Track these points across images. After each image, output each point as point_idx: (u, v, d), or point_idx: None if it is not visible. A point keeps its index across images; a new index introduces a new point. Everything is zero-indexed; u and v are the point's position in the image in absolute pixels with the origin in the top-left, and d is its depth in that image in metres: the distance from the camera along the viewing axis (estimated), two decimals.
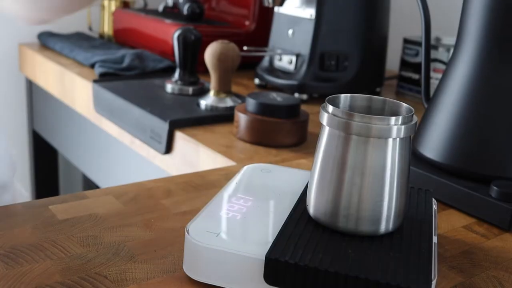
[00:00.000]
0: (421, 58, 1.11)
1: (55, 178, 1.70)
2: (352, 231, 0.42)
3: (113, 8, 1.46)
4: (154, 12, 1.37)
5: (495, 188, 0.55)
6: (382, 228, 0.42)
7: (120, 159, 1.10)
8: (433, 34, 1.25)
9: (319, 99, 1.08)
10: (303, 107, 0.96)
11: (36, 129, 1.56)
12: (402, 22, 1.35)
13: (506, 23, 0.58)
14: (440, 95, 0.63)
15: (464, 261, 0.49)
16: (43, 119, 1.50)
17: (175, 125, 0.83)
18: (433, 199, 0.51)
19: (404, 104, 0.44)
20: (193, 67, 1.01)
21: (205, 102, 0.91)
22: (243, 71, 1.20)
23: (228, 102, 0.91)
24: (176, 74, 1.01)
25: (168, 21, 1.25)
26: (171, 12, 1.37)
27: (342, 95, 0.46)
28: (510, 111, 0.58)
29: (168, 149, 0.84)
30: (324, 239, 0.41)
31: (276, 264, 0.38)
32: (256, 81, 1.14)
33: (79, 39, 1.42)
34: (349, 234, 0.42)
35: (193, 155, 0.79)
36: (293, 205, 0.47)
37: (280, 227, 0.43)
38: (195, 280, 0.41)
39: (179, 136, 0.82)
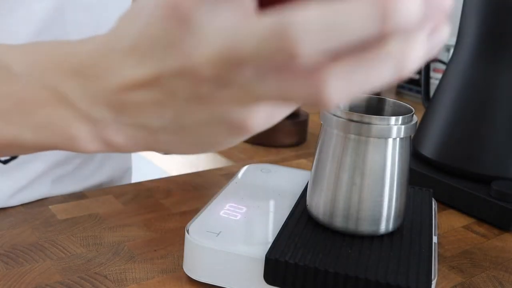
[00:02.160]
0: None
1: None
2: (352, 231, 0.42)
3: None
4: None
5: (495, 188, 0.55)
6: (382, 228, 0.42)
7: None
8: None
9: None
10: (303, 107, 0.96)
11: None
12: None
13: (503, 24, 0.58)
14: (440, 95, 0.63)
15: (464, 261, 0.49)
16: None
17: None
18: (433, 199, 0.51)
19: (404, 104, 0.44)
20: None
21: None
22: None
23: None
24: None
25: None
26: None
27: None
28: (510, 111, 0.58)
29: None
30: (324, 239, 0.41)
31: (276, 264, 0.38)
32: None
33: None
34: (349, 234, 0.42)
35: (193, 155, 0.79)
36: (293, 205, 0.47)
37: (280, 227, 0.43)
38: (195, 280, 0.41)
39: None
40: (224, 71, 0.24)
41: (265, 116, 0.27)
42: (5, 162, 0.32)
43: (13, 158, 0.33)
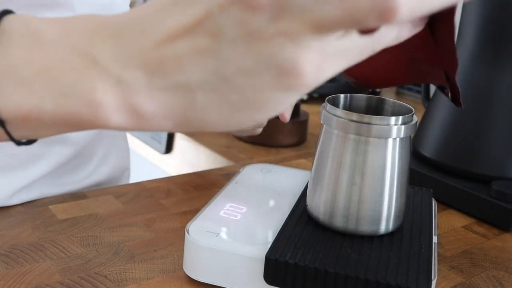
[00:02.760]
0: None
1: None
2: (352, 231, 0.42)
3: None
4: None
5: (495, 188, 0.55)
6: (382, 228, 0.42)
7: None
8: None
9: (319, 99, 1.08)
10: (303, 107, 0.96)
11: None
12: None
13: (503, 25, 0.58)
14: (440, 95, 0.63)
15: (464, 261, 0.49)
16: None
17: None
18: (433, 199, 0.51)
19: (404, 104, 0.44)
20: None
21: None
22: None
23: None
24: None
25: None
26: None
27: (342, 95, 0.46)
28: (510, 112, 0.58)
29: (168, 149, 0.84)
30: (324, 239, 0.41)
31: (276, 264, 0.38)
32: None
33: None
34: (349, 234, 0.42)
35: (193, 155, 0.79)
36: (293, 205, 0.47)
37: (280, 227, 0.43)
38: (195, 280, 0.41)
39: (179, 136, 0.82)
40: None
41: (317, 60, 0.25)
42: (18, 143, 0.30)
43: (30, 142, 0.31)
